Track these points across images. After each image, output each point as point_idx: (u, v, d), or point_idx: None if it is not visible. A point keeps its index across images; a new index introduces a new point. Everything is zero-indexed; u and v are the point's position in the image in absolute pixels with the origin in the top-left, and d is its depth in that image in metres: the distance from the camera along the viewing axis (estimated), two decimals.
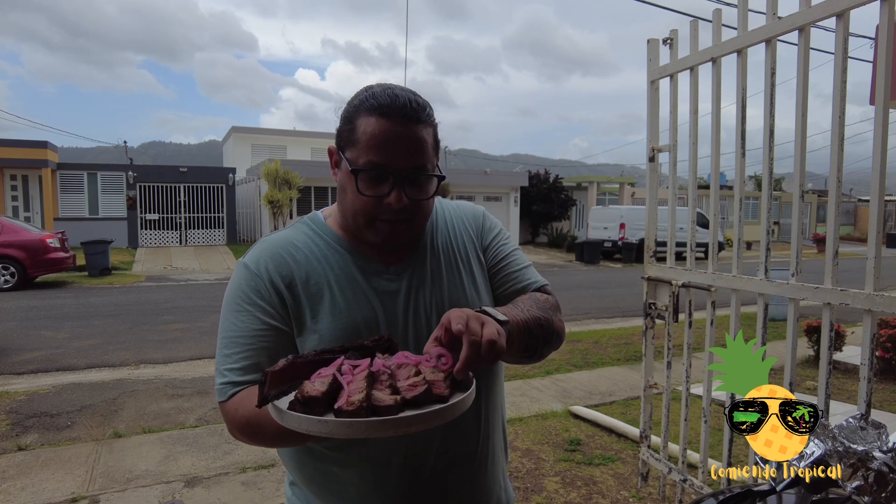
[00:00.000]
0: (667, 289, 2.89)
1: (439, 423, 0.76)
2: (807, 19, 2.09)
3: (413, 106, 0.98)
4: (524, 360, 1.05)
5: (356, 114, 0.99)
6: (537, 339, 1.02)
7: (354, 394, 0.75)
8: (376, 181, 0.98)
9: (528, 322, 1.00)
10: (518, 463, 3.58)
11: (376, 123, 0.96)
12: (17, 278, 11.39)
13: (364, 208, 0.99)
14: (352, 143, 0.99)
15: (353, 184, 0.98)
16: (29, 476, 3.44)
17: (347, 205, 1.02)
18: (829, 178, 2.05)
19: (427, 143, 0.99)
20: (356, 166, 0.97)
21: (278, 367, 0.78)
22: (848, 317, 6.95)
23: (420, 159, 0.98)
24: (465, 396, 0.78)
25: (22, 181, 19.18)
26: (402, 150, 0.96)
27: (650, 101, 3.01)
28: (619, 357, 6.35)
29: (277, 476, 3.45)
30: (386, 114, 0.96)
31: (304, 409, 0.74)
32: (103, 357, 6.38)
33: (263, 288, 1.01)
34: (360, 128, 0.98)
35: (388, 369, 0.82)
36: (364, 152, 0.97)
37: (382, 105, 0.96)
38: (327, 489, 1.07)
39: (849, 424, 0.93)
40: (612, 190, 28.38)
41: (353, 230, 1.05)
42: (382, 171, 0.97)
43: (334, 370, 0.79)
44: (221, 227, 20.95)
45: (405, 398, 0.76)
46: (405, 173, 0.97)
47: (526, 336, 0.99)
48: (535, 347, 1.03)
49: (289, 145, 29.01)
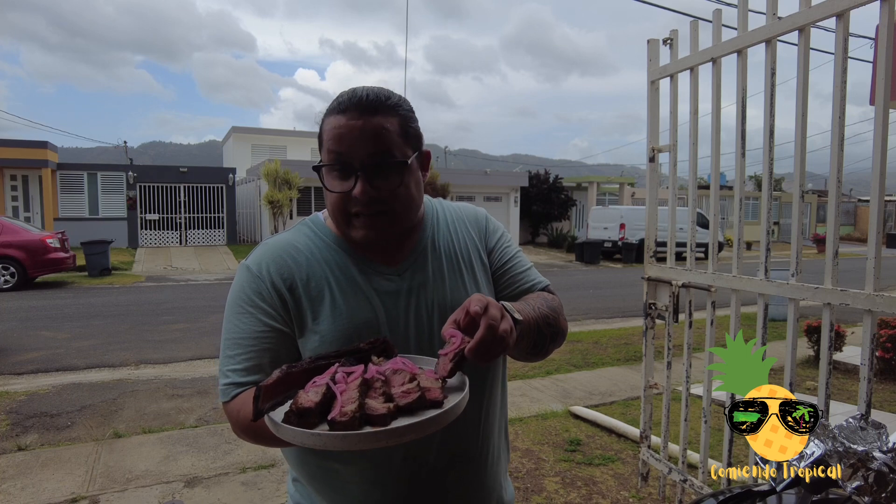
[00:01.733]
0: (667, 289, 2.89)
1: (434, 431, 0.76)
2: (807, 19, 2.09)
3: (371, 98, 0.98)
4: (529, 357, 1.07)
5: (323, 120, 1.03)
6: (545, 338, 1.05)
7: (347, 404, 0.75)
8: (341, 176, 1.00)
9: (538, 320, 1.02)
10: (518, 463, 3.58)
11: (334, 121, 0.99)
12: (17, 278, 11.39)
13: (336, 205, 1.01)
14: (320, 147, 1.03)
15: (322, 182, 1.02)
16: (29, 476, 3.44)
17: (328, 207, 1.05)
18: (829, 178, 2.05)
19: (389, 131, 0.99)
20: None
21: (271, 380, 0.78)
22: (848, 317, 6.96)
23: (379, 145, 0.98)
24: (458, 402, 0.78)
25: (22, 181, 19.19)
26: (358, 140, 0.97)
27: (650, 102, 3.01)
28: (619, 357, 6.35)
29: (277, 476, 3.45)
30: (343, 110, 0.99)
31: (299, 420, 0.74)
32: (103, 357, 6.38)
33: (265, 290, 1.02)
34: (325, 129, 1.01)
35: (383, 376, 0.82)
36: (326, 151, 1.00)
37: (341, 103, 0.99)
38: (329, 486, 1.07)
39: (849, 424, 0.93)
40: (612, 190, 28.39)
41: (342, 231, 1.07)
42: (341, 162, 0.98)
43: (328, 379, 0.79)
44: (221, 227, 20.95)
45: (398, 405, 0.77)
46: (366, 162, 0.97)
47: (535, 334, 1.01)
48: (543, 345, 1.05)
49: (289, 145, 29.02)
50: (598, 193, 27.46)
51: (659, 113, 3.01)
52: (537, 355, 1.07)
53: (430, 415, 0.76)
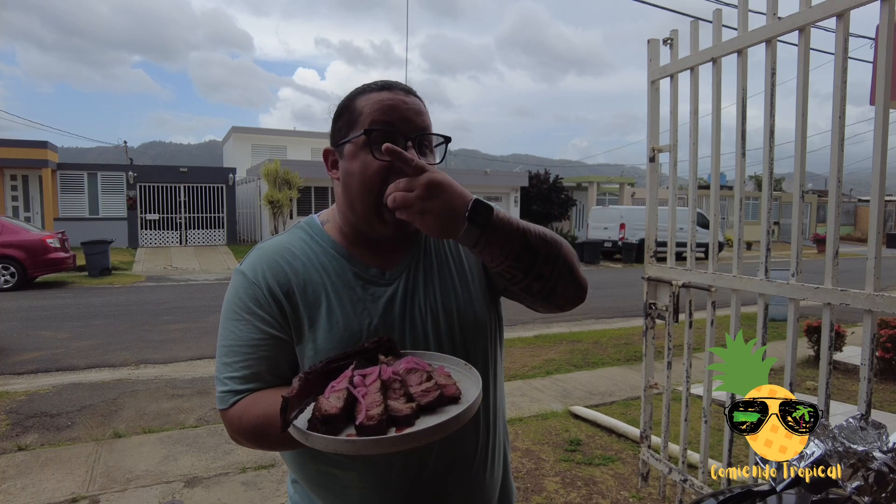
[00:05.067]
0: (667, 289, 2.89)
1: (457, 428, 0.77)
2: (807, 19, 2.09)
3: (406, 85, 1.03)
4: (531, 282, 0.96)
5: (352, 101, 1.01)
6: (536, 253, 0.93)
7: (372, 408, 0.76)
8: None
9: (525, 228, 0.92)
10: (518, 463, 3.58)
11: (378, 95, 0.99)
12: (17, 278, 11.39)
13: (373, 179, 0.96)
14: (352, 125, 0.99)
15: (364, 155, 0.96)
16: (29, 476, 3.44)
17: (356, 189, 0.98)
18: (829, 178, 2.05)
19: (427, 114, 1.02)
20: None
21: (295, 389, 0.79)
22: (848, 317, 6.96)
23: (424, 123, 1.00)
24: (477, 397, 0.80)
25: (22, 181, 19.19)
26: (408, 113, 0.98)
27: (650, 102, 3.01)
28: (619, 357, 6.35)
29: (277, 476, 3.45)
30: (386, 87, 1.00)
31: (325, 427, 0.75)
32: (103, 357, 6.38)
33: (262, 297, 1.00)
34: (360, 106, 0.99)
35: (398, 376, 0.83)
36: (370, 122, 0.97)
37: (379, 84, 1.01)
38: (328, 490, 1.07)
39: (849, 425, 0.93)
40: (612, 190, 28.38)
41: (362, 220, 1.02)
42: (393, 133, 0.96)
43: (346, 383, 0.80)
44: (221, 227, 20.95)
45: (420, 404, 0.79)
46: (415, 136, 0.98)
47: (517, 237, 0.91)
48: (533, 262, 0.93)
49: (289, 145, 29.02)
50: (598, 193, 27.46)
51: (659, 113, 3.01)
52: (537, 279, 0.95)
53: (454, 412, 0.78)
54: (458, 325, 1.07)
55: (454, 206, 0.86)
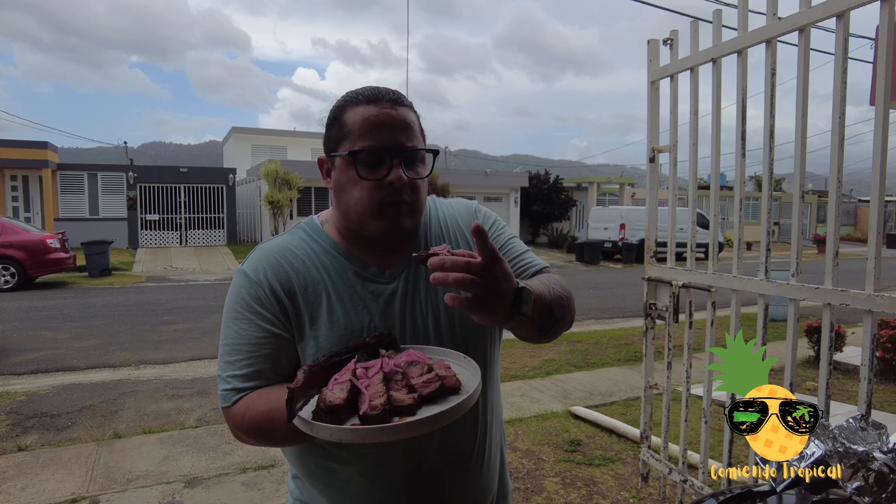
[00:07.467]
0: (667, 289, 2.89)
1: (459, 417, 0.79)
2: (807, 20, 2.09)
3: (394, 93, 1.03)
4: (538, 337, 1.03)
5: (341, 112, 1.02)
6: (555, 321, 1.02)
7: (375, 398, 0.78)
8: (375, 165, 0.99)
9: (550, 303, 0.99)
10: (518, 463, 3.58)
11: (365, 110, 0.99)
12: (17, 279, 11.39)
13: (368, 194, 0.99)
14: (343, 138, 1.01)
15: (352, 172, 0.99)
16: (29, 476, 3.44)
17: (350, 202, 1.02)
18: (829, 179, 2.05)
19: (415, 125, 1.03)
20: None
21: (300, 381, 0.81)
22: (848, 317, 6.96)
23: (410, 136, 1.01)
24: (477, 386, 0.82)
25: (22, 181, 19.19)
26: (394, 130, 0.99)
27: (650, 102, 3.01)
28: (619, 357, 6.35)
29: (277, 476, 3.45)
30: (372, 100, 1.00)
31: (330, 417, 0.77)
32: (103, 357, 6.38)
33: (263, 296, 1.02)
34: (349, 120, 1.00)
35: (400, 368, 0.85)
36: (358, 139, 0.99)
37: (366, 95, 1.01)
38: (328, 485, 1.08)
39: (849, 425, 0.93)
40: (612, 190, 28.39)
41: (357, 227, 1.04)
42: (379, 152, 0.98)
43: (349, 375, 0.82)
44: (222, 227, 20.95)
45: (421, 395, 0.81)
46: (401, 152, 0.99)
47: (545, 318, 0.98)
48: (551, 328, 1.02)
49: (289, 146, 29.03)
50: (598, 194, 27.46)
51: (659, 113, 3.01)
52: (545, 335, 1.03)
53: (454, 401, 0.79)
54: (458, 323, 1.08)
55: (504, 294, 0.85)
